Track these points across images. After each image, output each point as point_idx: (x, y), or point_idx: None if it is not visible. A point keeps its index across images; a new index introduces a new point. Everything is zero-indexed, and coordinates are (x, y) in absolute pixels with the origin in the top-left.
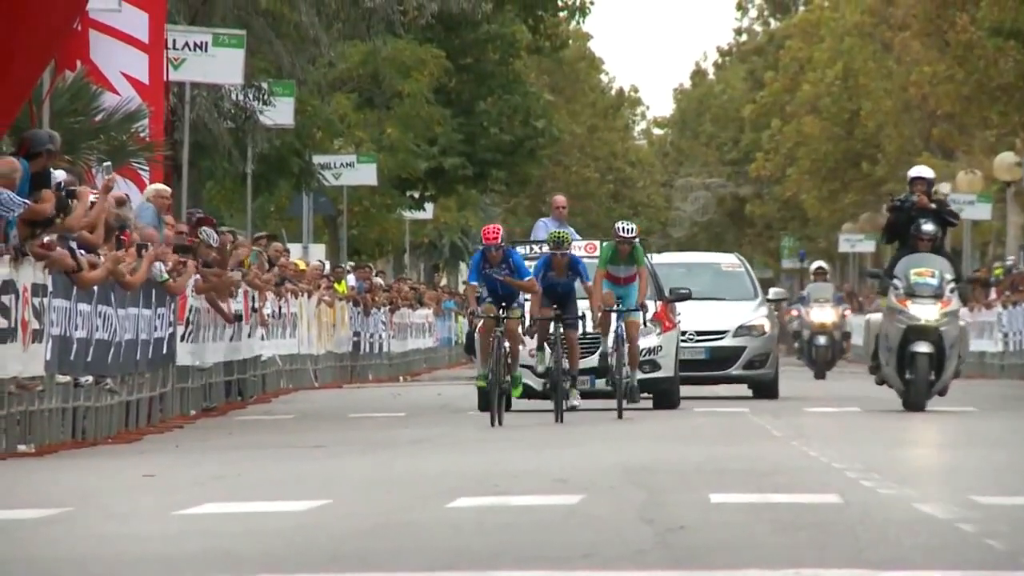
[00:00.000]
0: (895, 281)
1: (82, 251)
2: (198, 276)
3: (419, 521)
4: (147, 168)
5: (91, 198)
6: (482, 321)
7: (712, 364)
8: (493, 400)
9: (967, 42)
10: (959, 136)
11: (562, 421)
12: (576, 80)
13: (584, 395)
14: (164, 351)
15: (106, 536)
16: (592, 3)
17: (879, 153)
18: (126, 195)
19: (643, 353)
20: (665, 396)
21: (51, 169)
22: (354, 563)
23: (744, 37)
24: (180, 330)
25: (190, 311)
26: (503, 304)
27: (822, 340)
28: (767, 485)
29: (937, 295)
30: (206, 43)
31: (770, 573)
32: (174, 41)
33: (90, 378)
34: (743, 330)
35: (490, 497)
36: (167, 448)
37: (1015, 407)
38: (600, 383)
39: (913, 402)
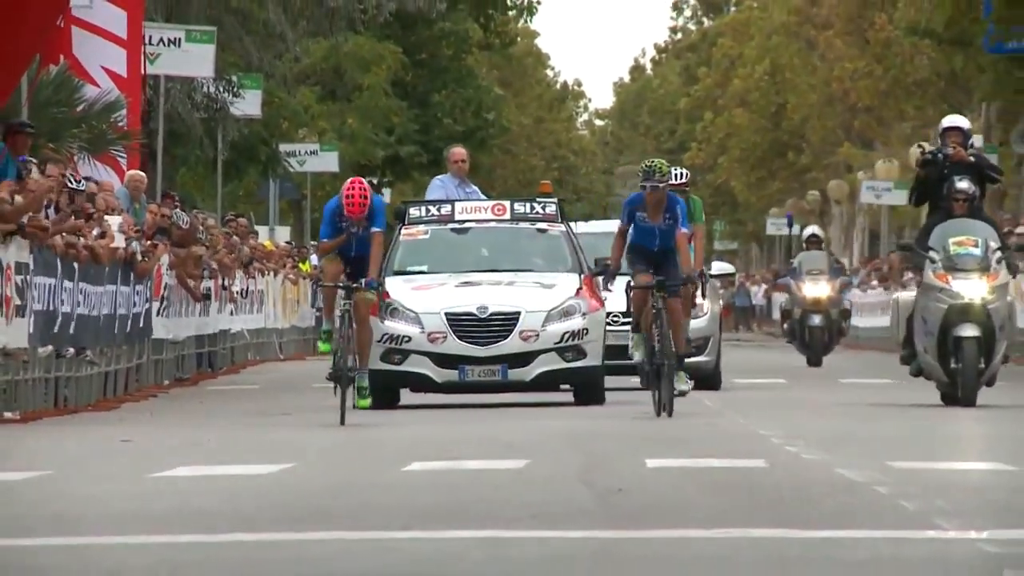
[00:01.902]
0: (931, 253)
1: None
2: (170, 254)
3: (378, 483)
4: (125, 155)
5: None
6: (327, 266)
7: None
8: (343, 390)
9: (885, 40)
10: (878, 127)
11: (670, 414)
12: (524, 75)
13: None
14: (140, 325)
15: (86, 497)
16: (539, 2)
17: (804, 143)
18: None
19: (564, 337)
20: (589, 389)
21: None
22: (317, 522)
23: (679, 35)
24: (155, 306)
25: (165, 288)
26: (352, 271)
27: (816, 320)
28: (699, 451)
29: (983, 268)
30: (180, 39)
31: (702, 532)
32: (150, 37)
33: (72, 350)
34: None
35: (443, 461)
36: (143, 415)
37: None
38: (516, 373)
39: (962, 396)
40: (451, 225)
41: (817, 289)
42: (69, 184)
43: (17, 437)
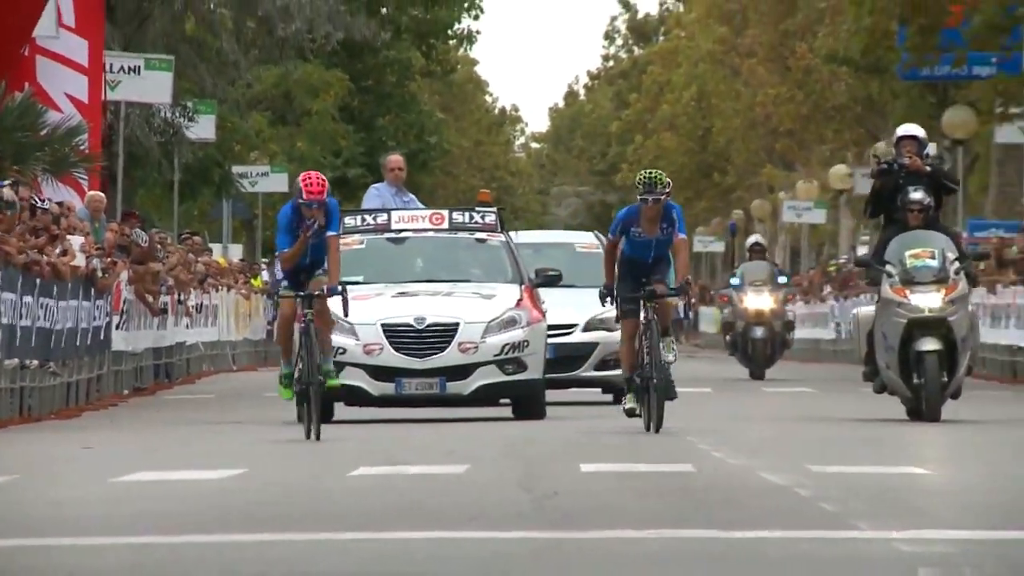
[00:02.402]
0: (888, 267)
1: None
2: (129, 271)
3: (327, 488)
4: (86, 177)
5: None
6: (281, 305)
7: (557, 364)
8: (307, 406)
9: (805, 68)
10: (799, 150)
11: (657, 430)
12: (464, 100)
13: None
14: (101, 338)
15: (50, 500)
16: (478, 32)
17: (728, 165)
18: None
19: (504, 349)
20: (529, 403)
21: None
22: (268, 524)
23: (611, 63)
24: (115, 319)
25: (124, 303)
26: (306, 278)
27: (759, 332)
28: (631, 457)
29: (940, 279)
30: (139, 67)
31: (634, 533)
32: (111, 65)
33: (35, 362)
34: (596, 323)
35: (388, 467)
36: (103, 423)
37: (845, 387)
38: (455, 386)
39: (926, 411)
40: (387, 235)
41: (760, 300)
42: (34, 203)
43: None
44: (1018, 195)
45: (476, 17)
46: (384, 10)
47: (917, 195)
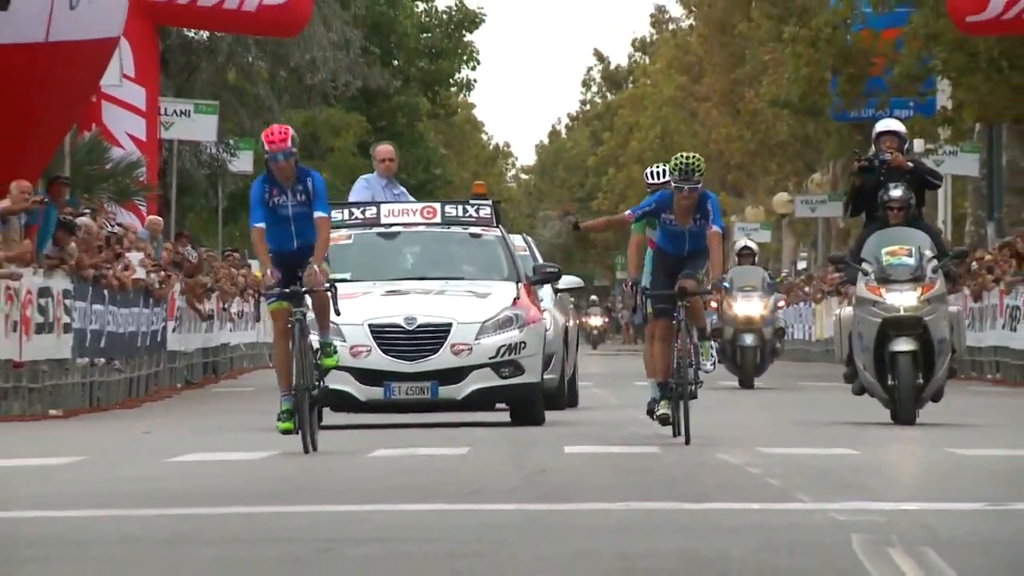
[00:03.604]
0: (864, 265)
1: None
2: (181, 283)
3: (350, 466)
4: (145, 203)
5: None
6: (273, 319)
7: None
8: (304, 415)
9: (753, 111)
10: (747, 180)
11: (687, 440)
12: (464, 138)
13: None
14: (158, 339)
15: (115, 477)
16: (475, 80)
17: None
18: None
19: (500, 351)
20: (527, 408)
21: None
22: (297, 498)
23: (588, 106)
24: (170, 324)
25: (177, 309)
26: (294, 266)
27: (748, 339)
28: (606, 440)
29: (916, 278)
30: (189, 110)
31: (609, 505)
32: (165, 109)
33: (102, 360)
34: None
35: (401, 448)
36: (160, 412)
37: (787, 383)
38: (447, 390)
39: (899, 413)
40: (377, 229)
41: (749, 307)
42: (105, 228)
43: (60, 430)
44: (934, 216)
45: (473, 68)
46: (396, 63)
47: (897, 192)
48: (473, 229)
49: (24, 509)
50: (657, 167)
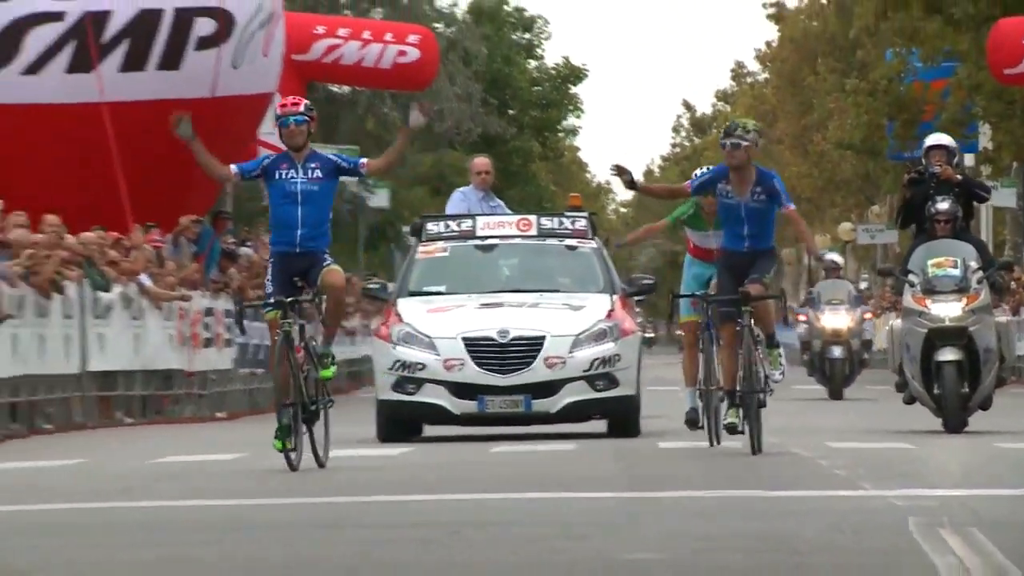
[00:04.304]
0: (911, 276)
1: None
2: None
3: (477, 460)
4: None
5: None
6: (270, 329)
7: None
8: (294, 432)
9: (820, 152)
10: (816, 212)
11: (757, 450)
12: (570, 177)
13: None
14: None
15: (272, 468)
16: (580, 127)
17: None
18: None
19: (594, 364)
20: (623, 421)
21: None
22: (425, 489)
23: (678, 149)
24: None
25: None
26: (300, 272)
27: (837, 352)
28: (694, 437)
29: (961, 289)
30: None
31: (697, 493)
32: None
33: (261, 370)
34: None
35: (520, 444)
36: None
37: (873, 393)
38: (541, 404)
39: (947, 422)
40: (472, 241)
41: (837, 320)
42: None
43: (224, 430)
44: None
45: (579, 116)
46: (511, 112)
47: (944, 205)
48: (569, 241)
49: (205, 498)
50: (702, 168)
